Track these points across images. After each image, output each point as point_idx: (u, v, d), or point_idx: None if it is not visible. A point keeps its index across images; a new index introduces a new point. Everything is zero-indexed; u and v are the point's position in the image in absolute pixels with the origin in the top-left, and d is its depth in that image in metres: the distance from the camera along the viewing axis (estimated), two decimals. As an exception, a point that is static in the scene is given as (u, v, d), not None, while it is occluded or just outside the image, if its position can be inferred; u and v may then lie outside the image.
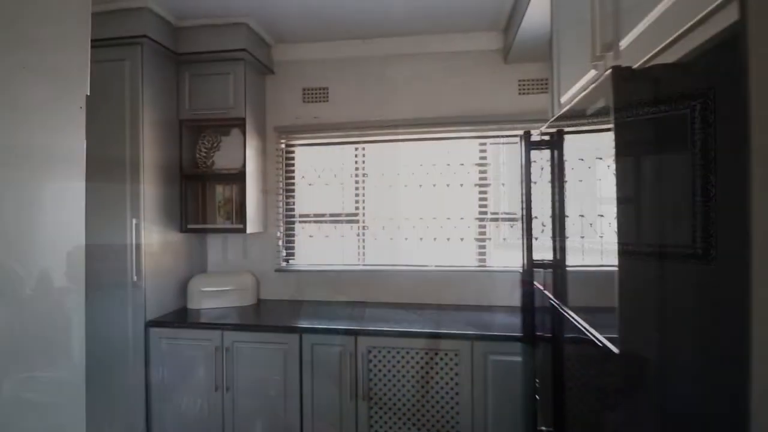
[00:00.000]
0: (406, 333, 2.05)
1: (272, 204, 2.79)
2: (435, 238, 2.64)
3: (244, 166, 2.50)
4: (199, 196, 2.70)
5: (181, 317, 2.38)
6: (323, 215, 2.78)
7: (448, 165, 2.63)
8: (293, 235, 2.82)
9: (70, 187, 0.90)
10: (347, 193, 2.77)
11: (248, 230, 2.51)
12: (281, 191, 2.79)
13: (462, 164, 2.62)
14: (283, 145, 2.79)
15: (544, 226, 1.35)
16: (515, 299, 2.58)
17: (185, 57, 2.44)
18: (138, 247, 2.25)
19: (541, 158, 1.41)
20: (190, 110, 2.51)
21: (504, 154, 2.60)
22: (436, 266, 2.60)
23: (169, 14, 2.29)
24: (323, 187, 2.79)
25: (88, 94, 0.88)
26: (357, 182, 2.74)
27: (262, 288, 2.81)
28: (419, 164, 2.66)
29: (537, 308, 1.51)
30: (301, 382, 2.14)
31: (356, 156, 2.75)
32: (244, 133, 2.50)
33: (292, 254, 2.82)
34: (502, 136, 2.57)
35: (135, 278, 2.25)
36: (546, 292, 1.43)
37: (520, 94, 2.57)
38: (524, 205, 1.22)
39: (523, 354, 1.67)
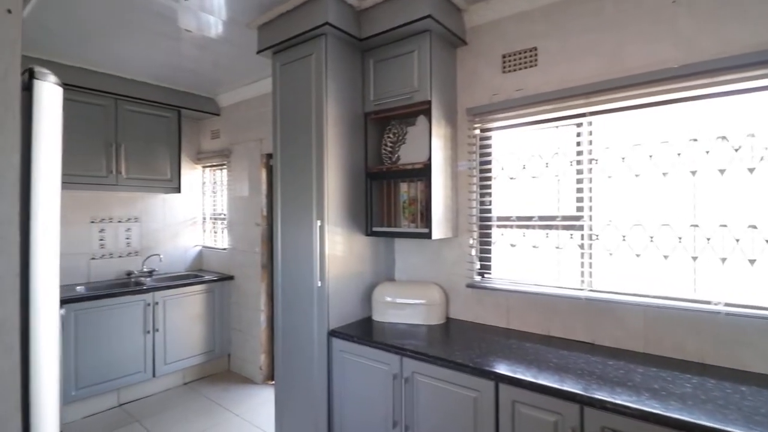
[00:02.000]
0: (670, 421, 1.21)
1: (464, 204, 2.29)
2: (724, 260, 1.60)
3: (429, 159, 2.09)
4: (385, 195, 2.45)
5: (364, 329, 2.14)
6: (530, 218, 2.10)
7: (752, 136, 1.55)
8: (489, 243, 2.24)
9: None
10: (565, 187, 2.01)
11: (434, 235, 2.09)
12: (475, 188, 2.25)
13: (784, 131, 1.51)
14: (477, 131, 2.25)
15: None
16: None
17: (368, 42, 2.19)
18: (322, 250, 2.12)
19: None
20: (374, 101, 2.26)
21: None
22: (725, 305, 1.57)
23: (350, -4, 2.08)
24: (530, 180, 2.11)
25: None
26: (580, 172, 1.95)
27: (451, 305, 2.35)
28: (690, 138, 1.67)
29: None
30: (496, 448, 1.56)
31: (579, 135, 1.96)
32: (429, 120, 2.08)
33: (488, 267, 2.24)
34: None
35: (319, 283, 2.14)
36: None
37: None
38: None
39: None
